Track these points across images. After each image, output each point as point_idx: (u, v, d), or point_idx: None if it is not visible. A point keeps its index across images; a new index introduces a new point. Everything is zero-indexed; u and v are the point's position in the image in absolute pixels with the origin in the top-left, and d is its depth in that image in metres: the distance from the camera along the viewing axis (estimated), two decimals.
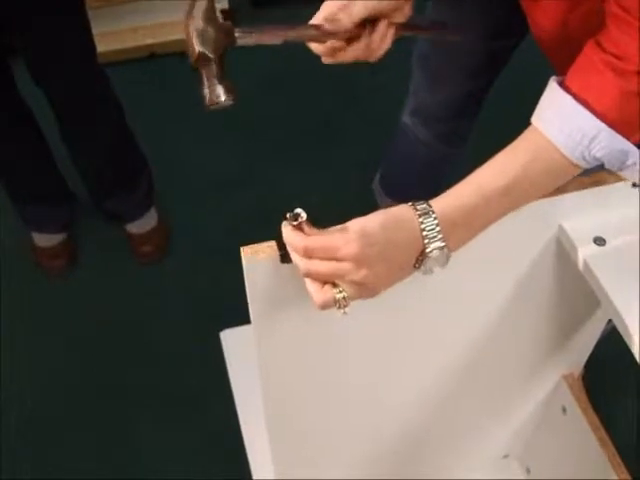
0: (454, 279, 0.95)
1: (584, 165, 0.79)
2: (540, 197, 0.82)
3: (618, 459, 1.18)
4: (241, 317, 1.31)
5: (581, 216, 0.92)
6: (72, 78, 1.65)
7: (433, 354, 1.08)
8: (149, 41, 2.47)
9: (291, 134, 2.30)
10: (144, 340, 1.89)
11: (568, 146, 0.77)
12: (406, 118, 1.63)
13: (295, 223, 0.76)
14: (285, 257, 0.79)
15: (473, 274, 0.95)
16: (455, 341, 1.08)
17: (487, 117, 1.63)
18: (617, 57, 0.74)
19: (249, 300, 0.85)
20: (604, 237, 0.91)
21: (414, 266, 0.79)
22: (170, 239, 2.07)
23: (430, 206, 0.77)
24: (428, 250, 0.77)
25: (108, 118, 1.80)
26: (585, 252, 0.90)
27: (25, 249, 2.03)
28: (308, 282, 0.77)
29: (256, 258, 0.79)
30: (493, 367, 1.17)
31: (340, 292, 0.76)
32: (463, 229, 0.79)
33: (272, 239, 0.80)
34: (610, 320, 1.16)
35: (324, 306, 0.77)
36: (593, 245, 0.91)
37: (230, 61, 0.84)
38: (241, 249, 0.80)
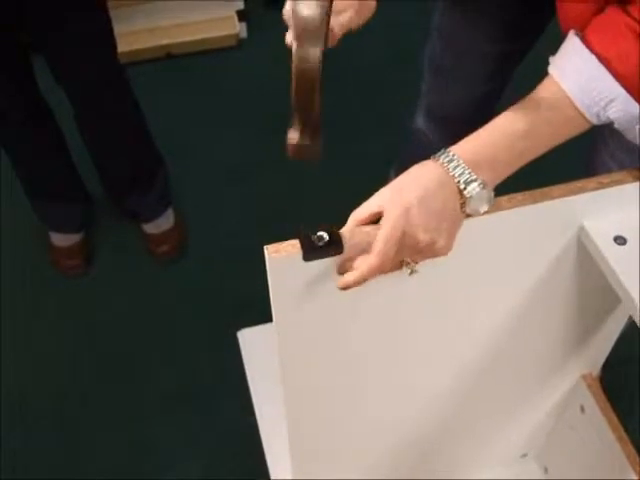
0: (474, 277, 0.95)
1: (595, 122, 0.82)
2: (556, 145, 0.85)
3: (637, 458, 1.18)
4: (258, 316, 1.32)
5: (602, 215, 0.92)
6: (92, 76, 1.66)
7: (453, 352, 1.09)
8: (166, 41, 2.48)
9: None
10: (160, 339, 1.90)
11: (585, 103, 0.80)
12: (419, 120, 1.61)
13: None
14: (308, 255, 0.79)
15: (494, 273, 0.96)
16: (474, 339, 1.08)
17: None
18: None
19: (272, 298, 0.85)
20: (625, 236, 0.92)
21: (462, 211, 0.82)
22: (187, 239, 2.08)
23: (449, 150, 0.81)
24: (462, 187, 0.80)
25: (126, 116, 1.82)
26: (606, 251, 0.91)
27: (42, 248, 2.04)
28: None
29: (279, 256, 0.79)
30: (512, 365, 1.17)
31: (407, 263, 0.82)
32: (488, 171, 0.81)
33: (291, 236, 0.80)
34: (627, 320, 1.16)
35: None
36: (614, 244, 0.91)
37: (249, 55, 0.83)
38: (264, 248, 0.80)
